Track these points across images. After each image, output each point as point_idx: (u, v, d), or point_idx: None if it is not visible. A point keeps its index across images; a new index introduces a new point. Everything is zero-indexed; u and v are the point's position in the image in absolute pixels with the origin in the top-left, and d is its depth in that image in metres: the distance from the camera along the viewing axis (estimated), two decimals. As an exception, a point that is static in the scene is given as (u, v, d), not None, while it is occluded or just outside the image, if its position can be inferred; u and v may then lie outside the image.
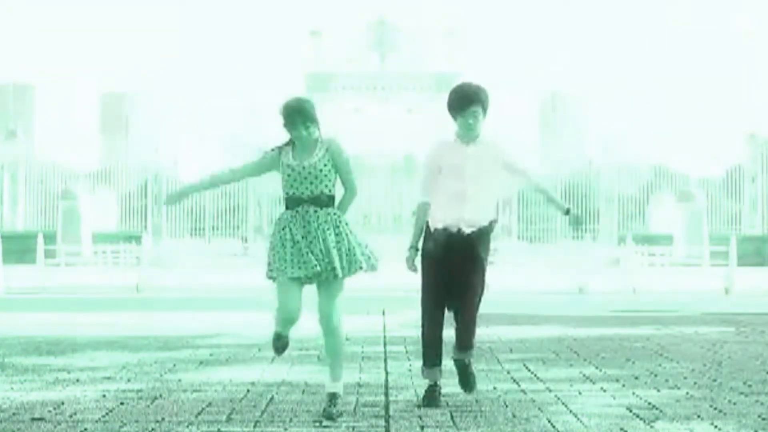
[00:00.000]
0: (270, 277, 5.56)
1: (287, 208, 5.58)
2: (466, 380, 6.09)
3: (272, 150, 5.66)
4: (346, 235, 5.52)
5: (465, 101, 5.97)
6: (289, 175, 5.53)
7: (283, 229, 5.51)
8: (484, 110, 6.01)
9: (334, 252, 5.45)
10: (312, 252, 5.42)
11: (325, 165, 5.53)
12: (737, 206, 39.71)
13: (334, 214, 5.54)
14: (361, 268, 5.53)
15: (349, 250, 5.50)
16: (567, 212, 6.54)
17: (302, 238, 5.45)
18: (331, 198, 5.57)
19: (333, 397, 5.54)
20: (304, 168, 5.51)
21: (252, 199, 40.14)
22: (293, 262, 5.42)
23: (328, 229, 5.48)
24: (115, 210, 40.01)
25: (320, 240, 5.45)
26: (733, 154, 40.74)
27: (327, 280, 5.48)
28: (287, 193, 5.57)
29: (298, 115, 5.49)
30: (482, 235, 5.99)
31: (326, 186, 5.53)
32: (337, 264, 5.44)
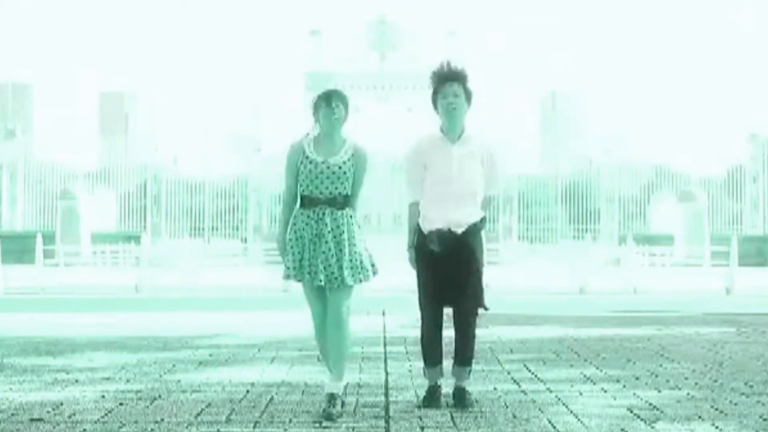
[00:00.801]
0: (286, 276, 5.59)
1: (302, 206, 5.53)
2: (462, 403, 5.85)
3: (295, 144, 5.56)
4: (360, 241, 5.53)
5: (444, 78, 5.81)
6: (311, 171, 5.45)
7: (296, 232, 5.51)
8: (467, 93, 5.84)
9: (343, 260, 5.46)
10: (321, 260, 5.43)
11: (349, 169, 5.49)
12: (738, 206, 39.69)
13: (350, 216, 5.53)
14: (366, 278, 5.58)
15: (361, 257, 5.52)
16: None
17: (313, 245, 5.45)
18: (348, 198, 5.53)
19: (332, 398, 5.51)
20: (328, 167, 5.47)
21: (251, 199, 40.11)
22: (304, 268, 5.48)
23: (341, 234, 5.47)
24: (114, 210, 39.98)
25: (331, 246, 5.45)
26: (734, 153, 40.73)
27: (335, 286, 5.50)
28: (303, 191, 5.51)
29: (336, 93, 5.46)
30: (474, 233, 5.87)
31: (345, 187, 5.50)
32: (345, 273, 5.45)
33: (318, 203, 5.46)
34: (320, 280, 5.43)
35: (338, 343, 5.55)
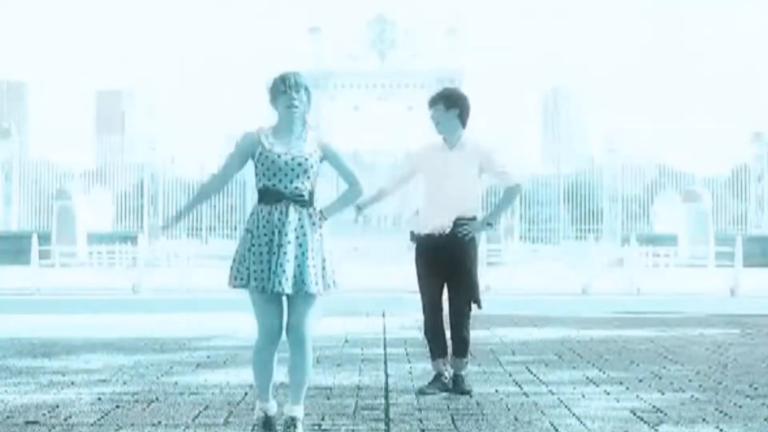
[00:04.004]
0: (232, 285, 4.92)
1: (262, 202, 4.87)
2: (460, 389, 6.36)
3: (250, 132, 4.97)
4: (325, 244, 4.89)
5: (429, 102, 6.45)
6: (273, 162, 4.83)
7: (251, 230, 4.87)
8: (448, 107, 6.34)
9: (306, 264, 4.79)
10: (282, 263, 4.75)
11: (315, 162, 4.89)
12: (743, 206, 39.62)
13: (315, 217, 4.87)
14: (329, 286, 4.88)
15: (324, 262, 4.86)
16: (489, 224, 6.52)
17: (271, 245, 4.79)
18: (312, 195, 4.89)
19: (292, 423, 4.88)
20: (293, 158, 4.83)
21: (249, 200, 40.05)
22: (261, 272, 4.79)
23: (304, 234, 4.81)
24: (110, 210, 39.90)
25: (294, 247, 4.78)
26: (738, 153, 40.65)
27: (298, 294, 4.82)
28: (264, 185, 4.86)
29: (295, 78, 4.93)
30: (464, 234, 6.33)
31: (311, 182, 4.88)
32: (308, 279, 4.78)
33: (282, 198, 4.80)
34: (280, 285, 4.73)
35: (301, 365, 4.90)
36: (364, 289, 17.92)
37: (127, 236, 31.34)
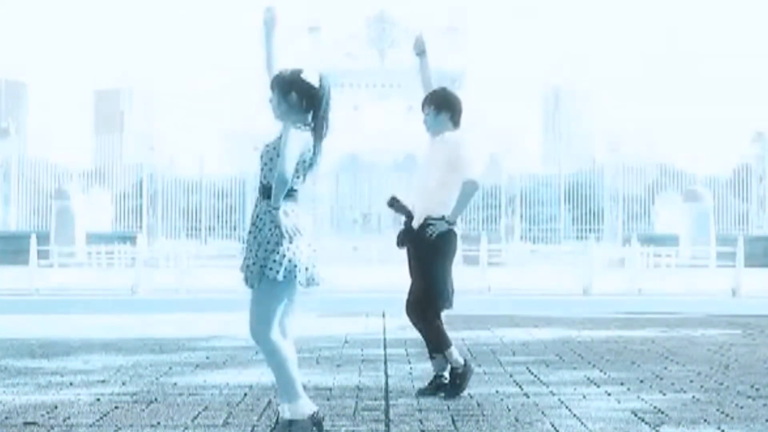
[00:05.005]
0: None
1: None
2: (428, 391, 6.26)
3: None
4: (272, 238, 4.69)
5: (421, 105, 6.53)
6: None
7: None
8: (439, 110, 6.34)
9: (250, 257, 4.74)
10: (245, 256, 4.79)
11: (273, 149, 4.77)
12: (744, 206, 39.62)
13: (269, 211, 4.71)
14: (260, 279, 4.74)
15: (263, 257, 4.69)
16: (449, 223, 6.26)
17: (248, 236, 4.84)
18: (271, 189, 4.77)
19: (284, 425, 4.80)
20: (267, 152, 4.81)
21: (249, 199, 40.07)
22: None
23: (259, 228, 4.74)
24: (109, 210, 39.93)
25: (251, 239, 4.78)
26: (740, 152, 40.70)
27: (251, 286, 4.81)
28: None
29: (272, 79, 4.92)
30: (427, 231, 6.21)
31: (271, 175, 4.74)
32: (248, 271, 4.77)
33: (261, 192, 4.82)
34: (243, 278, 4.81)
35: (268, 364, 4.86)
36: (364, 289, 17.92)
37: (125, 236, 31.37)
